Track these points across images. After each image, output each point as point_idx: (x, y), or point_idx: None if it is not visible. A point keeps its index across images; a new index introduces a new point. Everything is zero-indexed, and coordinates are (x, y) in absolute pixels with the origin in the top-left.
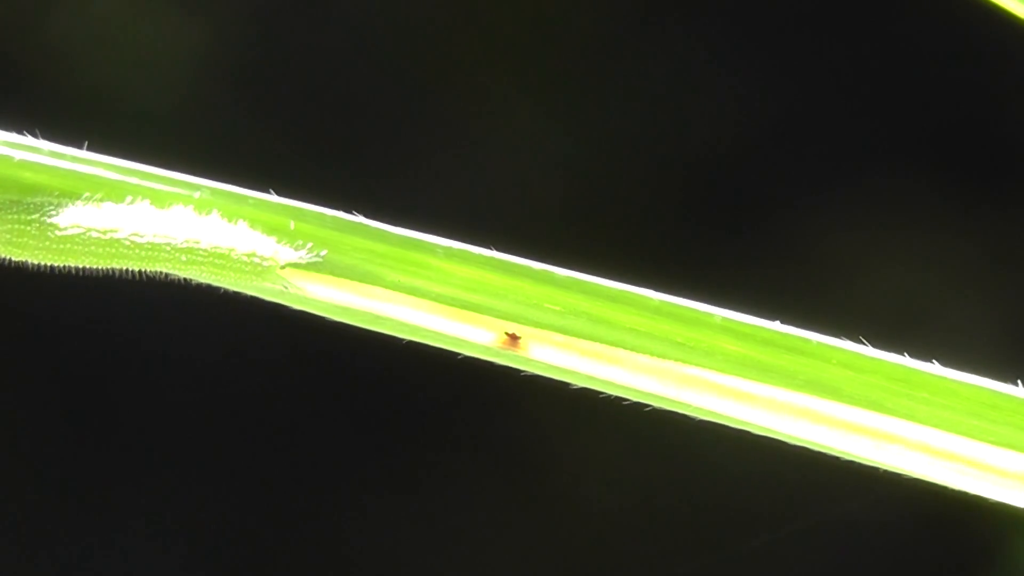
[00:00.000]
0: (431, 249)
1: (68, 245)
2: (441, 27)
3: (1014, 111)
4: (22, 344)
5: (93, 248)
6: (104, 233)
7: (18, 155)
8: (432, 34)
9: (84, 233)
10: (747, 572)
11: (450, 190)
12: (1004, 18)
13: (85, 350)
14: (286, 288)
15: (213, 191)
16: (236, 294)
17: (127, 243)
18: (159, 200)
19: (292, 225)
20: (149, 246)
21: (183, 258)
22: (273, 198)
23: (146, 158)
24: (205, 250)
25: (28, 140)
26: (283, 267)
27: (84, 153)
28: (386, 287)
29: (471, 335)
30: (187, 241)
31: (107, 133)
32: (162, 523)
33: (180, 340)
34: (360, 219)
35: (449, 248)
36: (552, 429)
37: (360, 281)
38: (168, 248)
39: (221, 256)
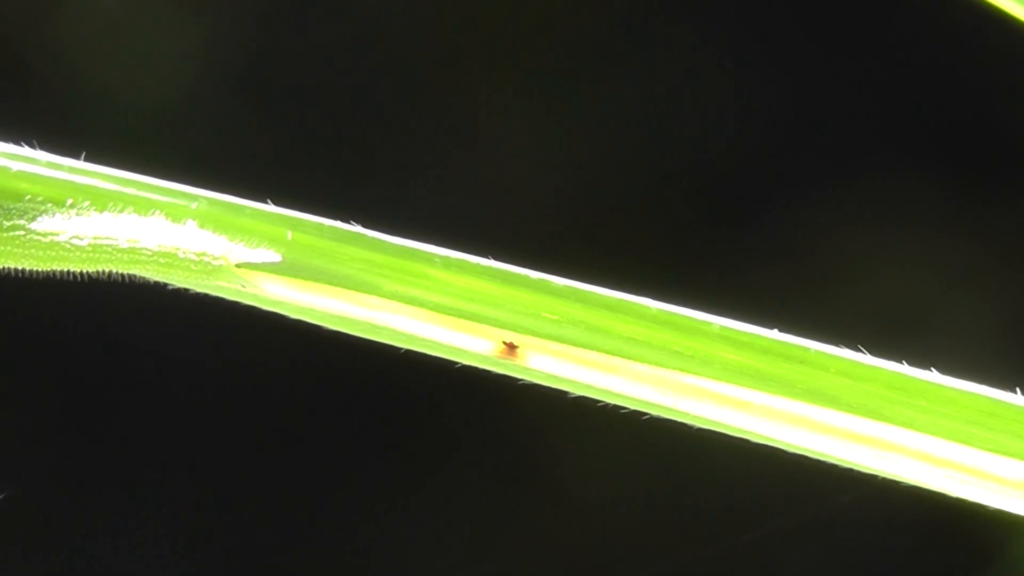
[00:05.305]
0: (429, 259)
1: (10, 248)
2: (441, 35)
3: (1014, 111)
4: None
5: (34, 251)
6: (45, 236)
7: (15, 166)
8: (431, 42)
9: (25, 236)
10: None
11: (447, 200)
12: (1004, 18)
13: (77, 354)
14: (243, 287)
15: (210, 201)
16: (235, 303)
17: (68, 246)
18: (153, 211)
19: (289, 235)
20: (91, 248)
21: (128, 258)
22: (271, 208)
23: (143, 167)
24: (151, 250)
25: (25, 151)
26: (237, 266)
27: (81, 163)
28: (384, 297)
29: (469, 344)
30: (130, 241)
31: (103, 141)
32: (160, 527)
33: (179, 346)
34: (357, 229)
35: (447, 258)
36: (550, 437)
37: (358, 291)
38: (111, 249)
39: (168, 256)
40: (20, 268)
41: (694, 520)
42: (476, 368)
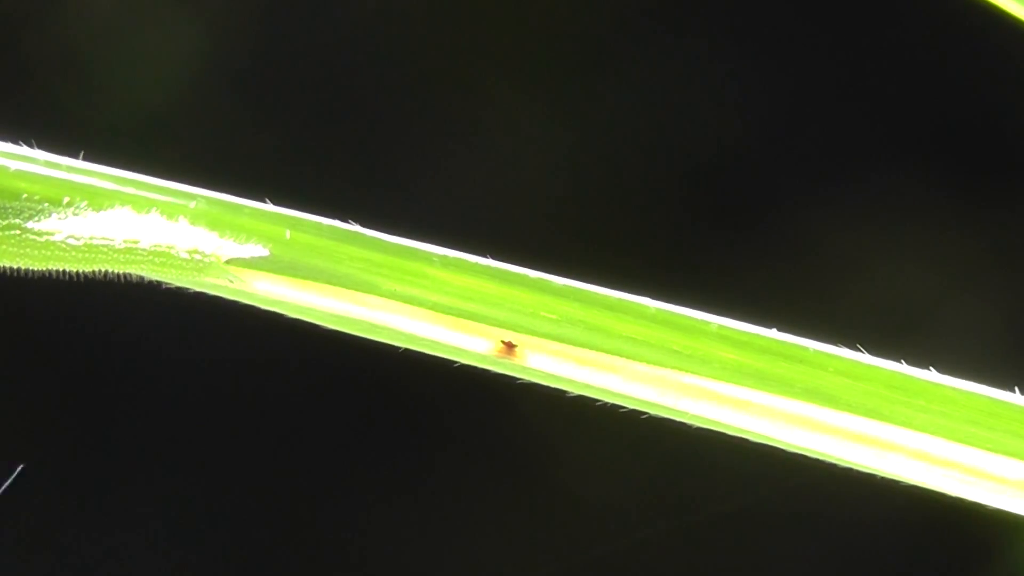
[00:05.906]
0: (427, 258)
1: (5, 247)
2: (441, 34)
3: (1014, 111)
4: None
5: (29, 250)
6: (41, 235)
7: (13, 165)
8: (431, 42)
9: (21, 235)
10: None
11: (446, 199)
12: (1004, 18)
13: (78, 351)
14: (231, 282)
15: (208, 200)
16: (233, 302)
17: (63, 245)
18: (151, 210)
19: (288, 234)
20: (86, 247)
21: (123, 257)
22: (269, 207)
23: (142, 166)
24: (145, 249)
25: (23, 150)
26: (228, 262)
27: (79, 163)
28: (382, 296)
29: (467, 344)
30: (126, 241)
31: (101, 140)
32: (158, 526)
33: (176, 345)
34: (356, 228)
35: (445, 257)
36: (548, 437)
37: (356, 290)
38: (107, 248)
39: (161, 254)
40: (16, 267)
41: (694, 520)
42: (475, 367)
